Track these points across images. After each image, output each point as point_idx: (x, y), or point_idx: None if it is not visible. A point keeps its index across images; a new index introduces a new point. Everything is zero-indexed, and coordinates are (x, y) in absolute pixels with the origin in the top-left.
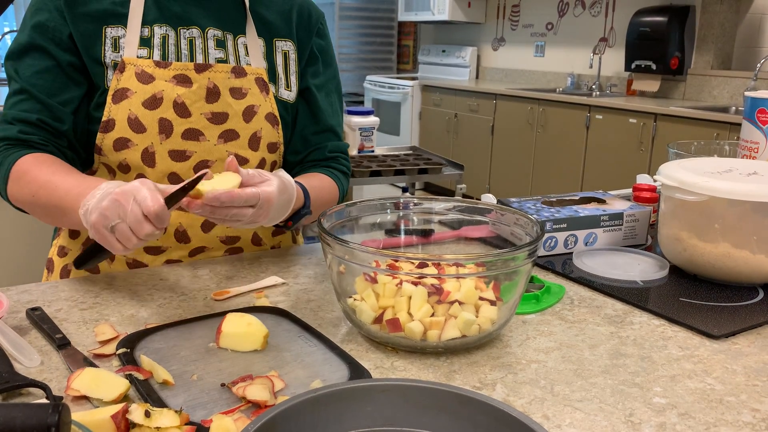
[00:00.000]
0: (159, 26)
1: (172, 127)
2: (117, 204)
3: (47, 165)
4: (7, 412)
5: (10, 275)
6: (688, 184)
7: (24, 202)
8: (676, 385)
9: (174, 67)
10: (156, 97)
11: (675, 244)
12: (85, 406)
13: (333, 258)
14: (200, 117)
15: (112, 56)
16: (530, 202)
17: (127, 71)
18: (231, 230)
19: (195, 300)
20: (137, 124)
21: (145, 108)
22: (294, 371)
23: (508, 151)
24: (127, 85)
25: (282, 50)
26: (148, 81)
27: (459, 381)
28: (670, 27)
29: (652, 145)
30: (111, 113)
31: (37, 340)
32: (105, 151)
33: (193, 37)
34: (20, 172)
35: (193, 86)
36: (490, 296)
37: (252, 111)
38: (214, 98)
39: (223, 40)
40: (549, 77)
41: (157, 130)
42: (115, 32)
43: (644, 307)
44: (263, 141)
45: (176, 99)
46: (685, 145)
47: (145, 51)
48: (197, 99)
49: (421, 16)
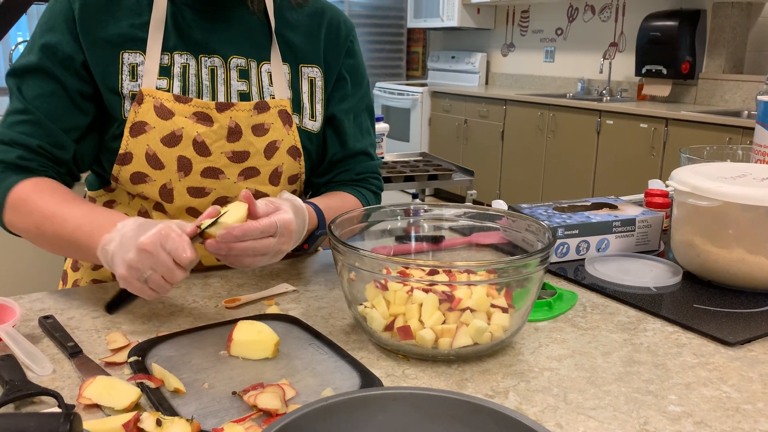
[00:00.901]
0: (179, 54)
1: (192, 165)
2: (147, 255)
3: (49, 193)
4: (19, 421)
5: (24, 284)
6: (701, 189)
7: (26, 232)
8: (691, 393)
9: (194, 103)
10: (175, 134)
11: (688, 250)
12: (97, 415)
13: (343, 265)
14: (220, 156)
15: (129, 86)
16: (541, 208)
17: (146, 103)
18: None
19: (206, 308)
20: (155, 161)
21: (164, 145)
22: (305, 379)
23: (518, 157)
24: (145, 119)
25: (308, 77)
26: (168, 116)
27: (471, 389)
28: (681, 31)
29: (663, 150)
30: (128, 146)
31: (49, 348)
32: (122, 182)
33: (215, 67)
34: (19, 199)
35: (213, 126)
36: (502, 303)
37: (274, 147)
38: (235, 137)
39: (246, 69)
40: (559, 83)
41: (175, 168)
42: (133, 59)
43: (658, 314)
44: (284, 175)
45: (196, 137)
46: (697, 150)
47: (164, 82)
48: (218, 138)
49: (431, 23)
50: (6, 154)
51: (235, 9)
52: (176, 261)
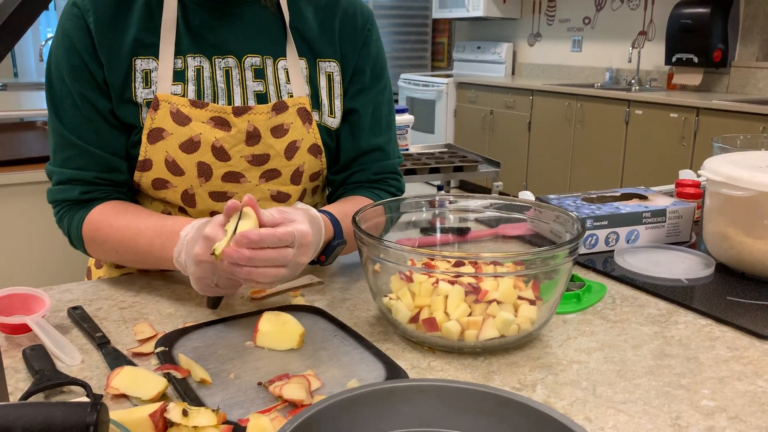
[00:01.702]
0: (192, 57)
1: (212, 170)
2: (204, 265)
3: (116, 217)
4: (47, 410)
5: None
6: (735, 178)
7: (107, 257)
8: (724, 387)
9: (211, 108)
10: (193, 140)
11: (721, 241)
12: (124, 404)
13: (368, 257)
14: (240, 160)
15: (144, 94)
16: (570, 199)
17: (162, 109)
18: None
19: (232, 299)
20: (175, 167)
21: (183, 151)
22: (330, 370)
23: (545, 148)
24: (162, 125)
25: (326, 72)
26: (185, 122)
27: (498, 382)
28: (713, 18)
29: (693, 140)
30: (147, 153)
31: (78, 338)
32: (144, 188)
33: (229, 68)
34: (92, 231)
35: (231, 130)
36: (530, 295)
37: (294, 147)
38: (254, 141)
39: (261, 68)
40: (587, 72)
41: (195, 174)
42: (146, 65)
43: (689, 306)
44: (305, 174)
45: (214, 143)
46: (730, 139)
47: (179, 87)
48: (236, 143)
49: (456, 13)
50: (68, 193)
51: (247, 5)
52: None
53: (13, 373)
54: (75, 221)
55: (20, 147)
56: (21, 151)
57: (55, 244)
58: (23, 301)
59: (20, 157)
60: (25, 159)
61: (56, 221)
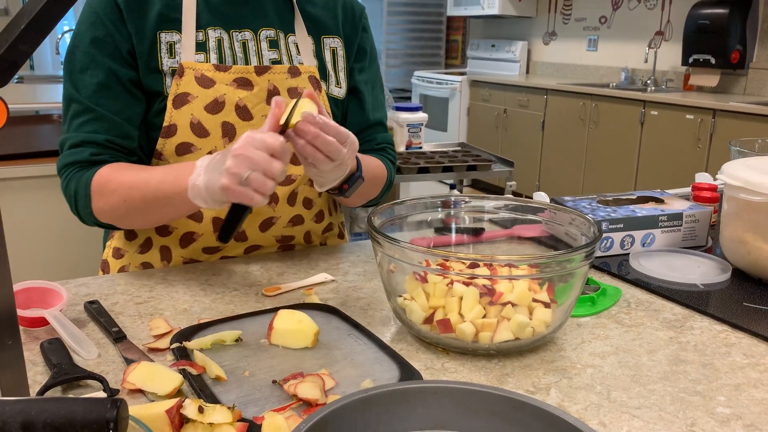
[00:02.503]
0: (213, 29)
1: (235, 130)
2: (241, 158)
3: (126, 169)
4: (68, 405)
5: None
6: (753, 183)
7: (114, 209)
8: (741, 394)
9: (234, 70)
10: (218, 101)
11: (738, 247)
12: (140, 400)
13: (383, 256)
14: (261, 119)
15: (169, 63)
16: (585, 201)
17: (186, 75)
18: (287, 229)
19: (247, 295)
20: (200, 129)
21: (208, 112)
22: (344, 370)
23: (559, 148)
24: (187, 90)
25: (330, 47)
26: (209, 85)
27: (512, 385)
28: (732, 19)
29: (709, 143)
30: (172, 118)
31: (94, 332)
32: (166, 155)
33: (246, 40)
34: (100, 184)
35: (254, 89)
36: (545, 298)
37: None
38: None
39: (275, 39)
40: (602, 72)
41: (220, 134)
42: (170, 37)
43: (705, 312)
44: None
45: (238, 102)
46: (748, 142)
47: (201, 56)
48: (258, 101)
49: (471, 11)
50: (78, 155)
51: None
52: (270, 153)
53: (31, 365)
54: (83, 180)
55: (36, 140)
56: (36, 144)
57: (69, 238)
58: (41, 294)
59: (36, 150)
60: (41, 152)
61: (63, 189)
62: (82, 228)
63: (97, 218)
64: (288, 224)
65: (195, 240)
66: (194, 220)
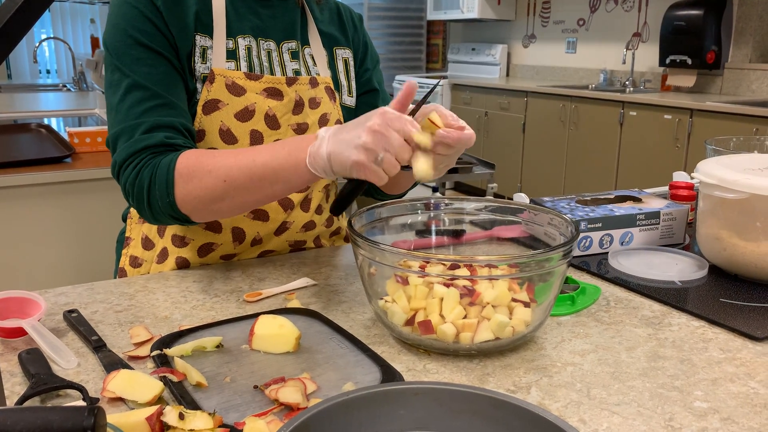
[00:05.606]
0: (243, 38)
1: (263, 138)
2: (379, 136)
3: (216, 152)
4: (44, 415)
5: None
6: (727, 181)
7: (208, 191)
8: (717, 388)
9: (265, 80)
10: (248, 109)
11: (714, 244)
12: (121, 408)
13: (364, 259)
14: (287, 128)
15: (201, 69)
16: (564, 201)
17: (217, 82)
18: (299, 234)
19: (227, 302)
20: (229, 136)
21: (238, 120)
22: (326, 373)
23: (539, 150)
24: (218, 96)
25: (342, 58)
26: (240, 93)
27: (492, 384)
28: (707, 20)
29: (687, 142)
30: (202, 124)
31: (74, 342)
32: None
33: (270, 50)
34: (190, 167)
35: (284, 99)
36: (524, 298)
37: (325, 119)
38: (298, 110)
39: (297, 51)
40: (581, 74)
41: (248, 141)
42: (204, 42)
43: (683, 308)
44: None
45: (267, 111)
46: (723, 141)
47: (232, 64)
48: (286, 111)
49: (450, 15)
50: (151, 140)
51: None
52: (406, 139)
53: (9, 377)
54: (163, 164)
55: (15, 149)
56: (15, 154)
57: (50, 247)
58: (19, 304)
59: (14, 160)
60: (20, 161)
61: (129, 181)
62: (62, 237)
63: (179, 207)
64: (301, 230)
65: (213, 250)
66: (213, 230)
